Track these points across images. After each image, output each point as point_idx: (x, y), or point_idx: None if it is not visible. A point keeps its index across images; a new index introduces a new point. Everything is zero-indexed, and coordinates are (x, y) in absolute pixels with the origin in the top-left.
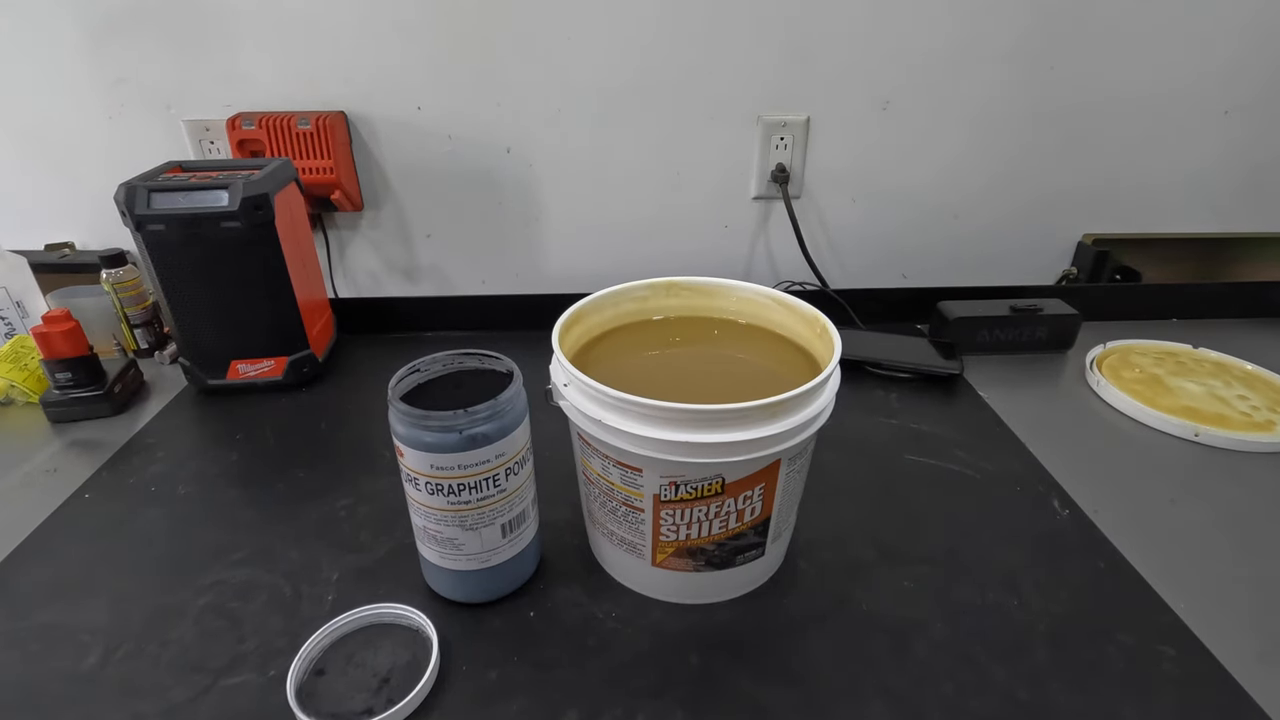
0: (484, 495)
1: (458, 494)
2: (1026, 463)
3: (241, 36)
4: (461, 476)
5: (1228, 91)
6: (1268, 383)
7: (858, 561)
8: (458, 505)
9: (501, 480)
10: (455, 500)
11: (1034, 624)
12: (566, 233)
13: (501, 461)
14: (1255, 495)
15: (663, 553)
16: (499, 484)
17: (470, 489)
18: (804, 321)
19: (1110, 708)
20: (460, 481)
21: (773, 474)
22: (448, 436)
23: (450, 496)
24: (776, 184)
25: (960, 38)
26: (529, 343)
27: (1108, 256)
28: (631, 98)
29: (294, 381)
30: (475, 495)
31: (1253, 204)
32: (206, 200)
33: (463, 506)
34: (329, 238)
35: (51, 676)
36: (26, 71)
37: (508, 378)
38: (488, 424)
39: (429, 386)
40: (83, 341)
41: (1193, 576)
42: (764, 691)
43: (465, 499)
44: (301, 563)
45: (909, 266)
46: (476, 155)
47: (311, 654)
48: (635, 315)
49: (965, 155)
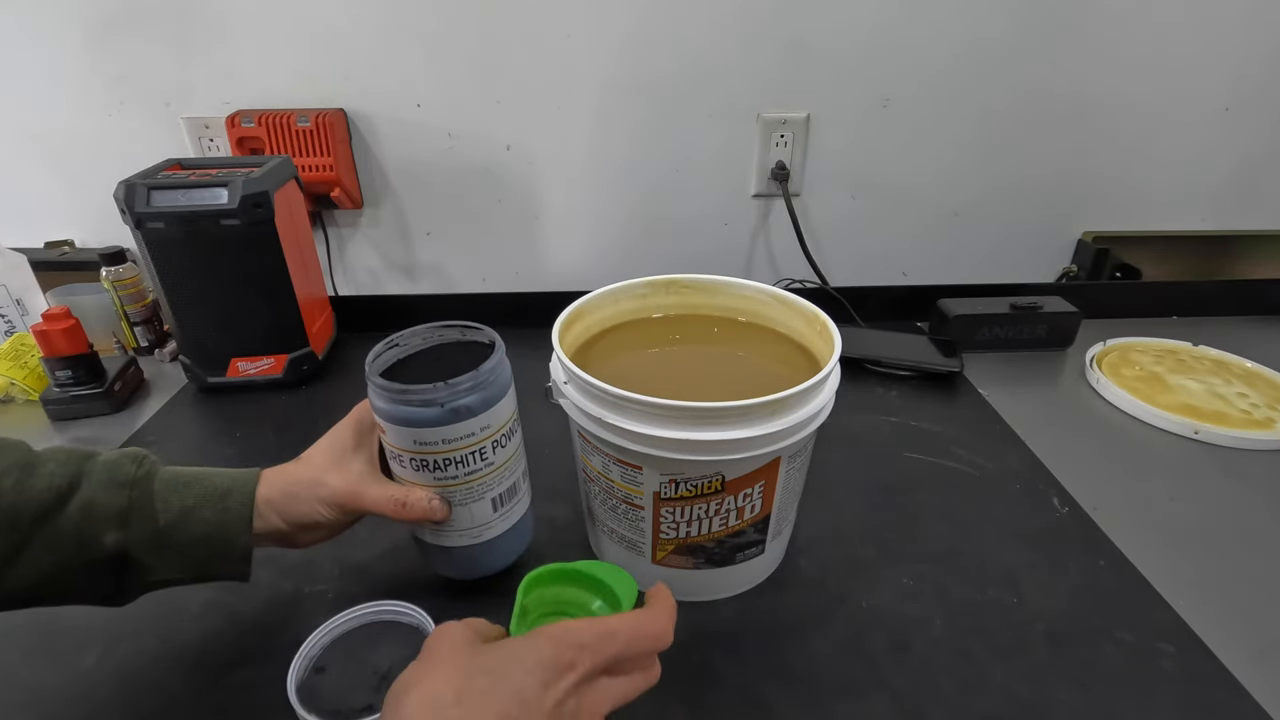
0: (471, 470)
1: (444, 469)
2: (1026, 460)
3: (241, 34)
4: (446, 451)
5: (1228, 89)
6: (1267, 380)
7: (858, 559)
8: (444, 480)
9: (489, 453)
10: (442, 475)
11: (1033, 621)
12: (566, 230)
13: (487, 434)
14: (1255, 493)
15: (663, 550)
16: (486, 457)
17: (456, 464)
18: (804, 319)
19: (1109, 705)
20: (445, 456)
21: (773, 471)
22: (429, 410)
23: (436, 472)
24: (776, 181)
25: (960, 36)
26: (529, 340)
27: (1108, 254)
28: (631, 95)
29: (294, 379)
30: (462, 470)
31: (1253, 201)
32: (206, 198)
33: (450, 482)
34: (329, 235)
35: (52, 674)
36: (26, 69)
37: (489, 348)
38: (471, 395)
39: (409, 361)
40: (83, 339)
41: (1192, 574)
42: (764, 688)
43: (452, 474)
44: (301, 560)
45: (909, 264)
46: (476, 152)
47: (312, 651)
48: (635, 313)
49: (965, 153)
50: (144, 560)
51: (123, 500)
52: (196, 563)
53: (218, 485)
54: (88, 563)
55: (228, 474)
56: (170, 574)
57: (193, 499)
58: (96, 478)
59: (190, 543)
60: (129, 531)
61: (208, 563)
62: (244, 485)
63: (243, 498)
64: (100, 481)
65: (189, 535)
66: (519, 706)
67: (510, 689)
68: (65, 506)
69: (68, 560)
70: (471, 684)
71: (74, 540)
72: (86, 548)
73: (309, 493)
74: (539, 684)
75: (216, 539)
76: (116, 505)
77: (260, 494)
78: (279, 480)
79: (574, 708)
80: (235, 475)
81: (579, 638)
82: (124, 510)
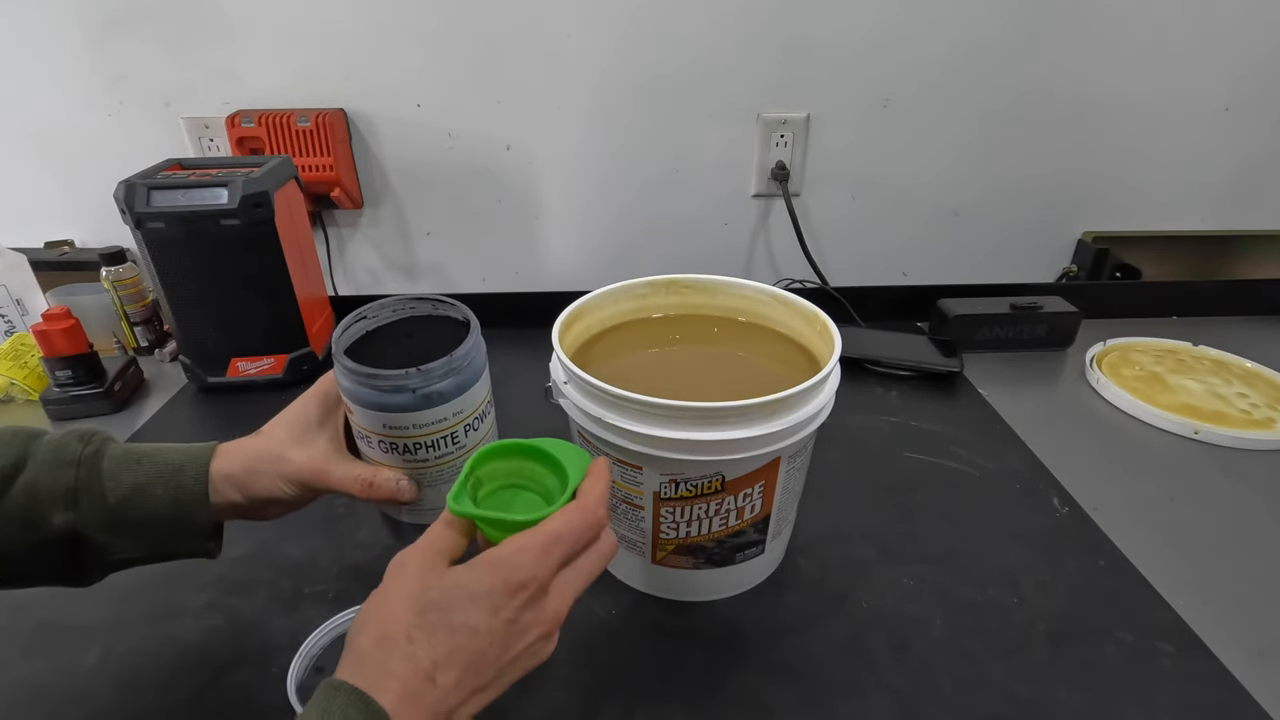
0: (443, 453)
1: (414, 452)
2: (1026, 460)
3: (241, 34)
4: (418, 435)
5: (1228, 89)
6: (1267, 380)
7: (858, 559)
8: (415, 463)
9: (461, 437)
10: (412, 459)
11: (1033, 621)
12: (566, 230)
13: (460, 419)
14: (1254, 492)
15: (663, 550)
16: (458, 440)
17: (427, 447)
18: (804, 319)
19: (1109, 705)
20: (416, 440)
21: (773, 471)
22: (400, 396)
23: (406, 455)
24: (776, 181)
25: (960, 35)
26: (529, 341)
27: (1108, 254)
28: (632, 95)
29: (294, 379)
30: (434, 454)
31: (1253, 201)
32: (206, 198)
33: (420, 465)
34: (329, 235)
35: (52, 674)
36: (26, 69)
37: (464, 327)
38: (444, 381)
39: (378, 335)
40: (83, 339)
41: (1192, 574)
42: (764, 688)
43: (423, 457)
44: (301, 560)
45: (909, 264)
46: (476, 152)
47: (312, 651)
48: (635, 313)
49: (965, 153)
50: (99, 540)
51: (69, 480)
52: (154, 541)
53: (170, 461)
54: (39, 543)
55: (181, 449)
56: (129, 553)
57: (144, 476)
58: (41, 458)
59: (144, 521)
60: (79, 511)
61: (166, 540)
62: (198, 460)
63: (196, 473)
64: (45, 462)
65: (142, 513)
66: (469, 635)
67: (459, 620)
68: (10, 488)
69: (15, 542)
70: (423, 620)
71: (20, 522)
72: (34, 528)
73: (271, 469)
74: (487, 611)
75: (172, 516)
76: (63, 485)
77: (217, 469)
78: (238, 455)
79: (531, 619)
80: (189, 450)
81: (522, 559)
82: (71, 490)
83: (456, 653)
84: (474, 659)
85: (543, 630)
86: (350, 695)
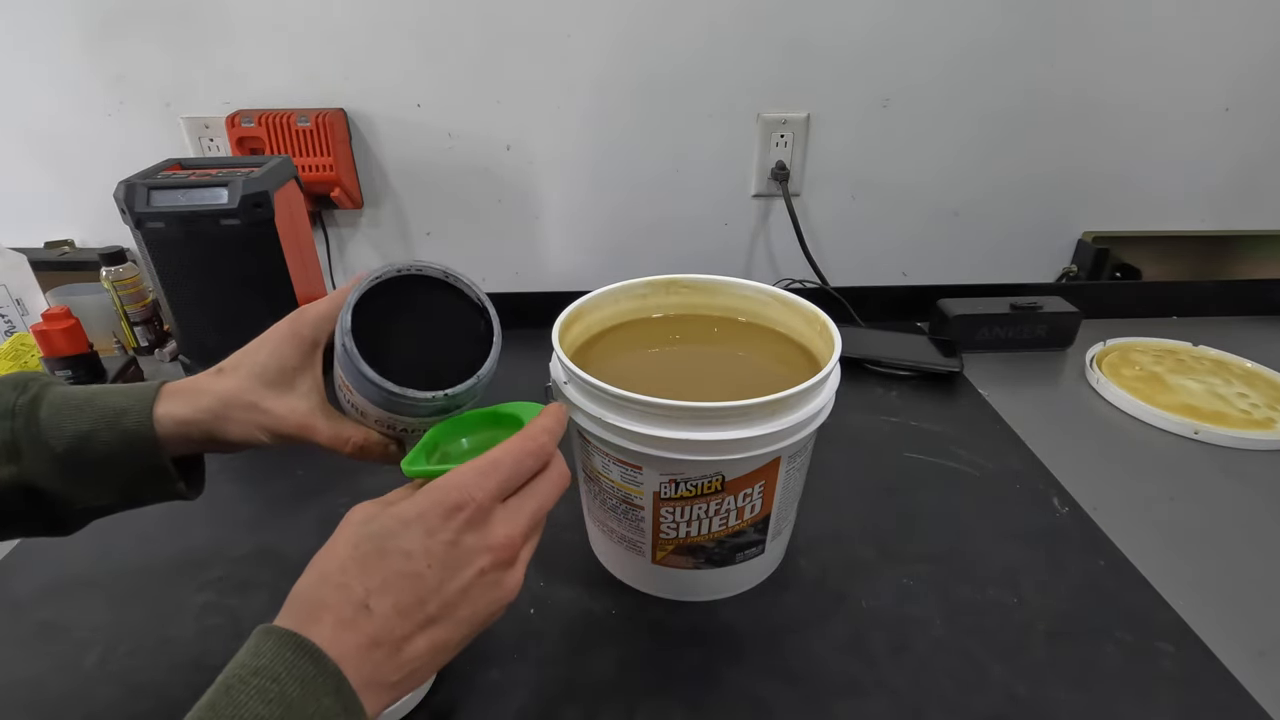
0: None
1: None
2: (1026, 460)
3: (241, 33)
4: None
5: (1228, 89)
6: (1267, 380)
7: (858, 559)
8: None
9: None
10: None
11: (1033, 621)
12: (566, 230)
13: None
14: (1254, 493)
15: (663, 550)
16: None
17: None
18: (804, 319)
19: (1109, 705)
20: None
21: (773, 471)
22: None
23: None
24: (776, 181)
25: (960, 36)
26: (529, 340)
27: (1108, 254)
28: (631, 95)
29: None
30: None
31: (1253, 201)
32: (206, 198)
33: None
34: (329, 235)
35: (52, 674)
36: (25, 69)
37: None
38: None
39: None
40: (82, 339)
41: (1192, 574)
42: (764, 689)
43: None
44: (301, 560)
45: (909, 264)
46: (476, 152)
47: None
48: (635, 313)
49: (965, 153)
50: (57, 490)
51: (4, 433)
52: (118, 487)
53: (112, 405)
54: None
55: (124, 390)
56: (96, 500)
57: (86, 423)
58: None
59: (98, 467)
60: (22, 464)
61: (128, 486)
62: (141, 401)
63: (140, 417)
64: None
65: (94, 459)
66: (403, 559)
67: (393, 545)
68: None
69: None
70: (357, 552)
71: None
72: None
73: (245, 416)
74: (422, 534)
75: (125, 462)
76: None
77: (165, 411)
78: (195, 397)
79: (474, 542)
80: (131, 391)
81: (457, 479)
82: (9, 443)
83: (392, 578)
84: (411, 583)
85: (493, 556)
86: (281, 636)
